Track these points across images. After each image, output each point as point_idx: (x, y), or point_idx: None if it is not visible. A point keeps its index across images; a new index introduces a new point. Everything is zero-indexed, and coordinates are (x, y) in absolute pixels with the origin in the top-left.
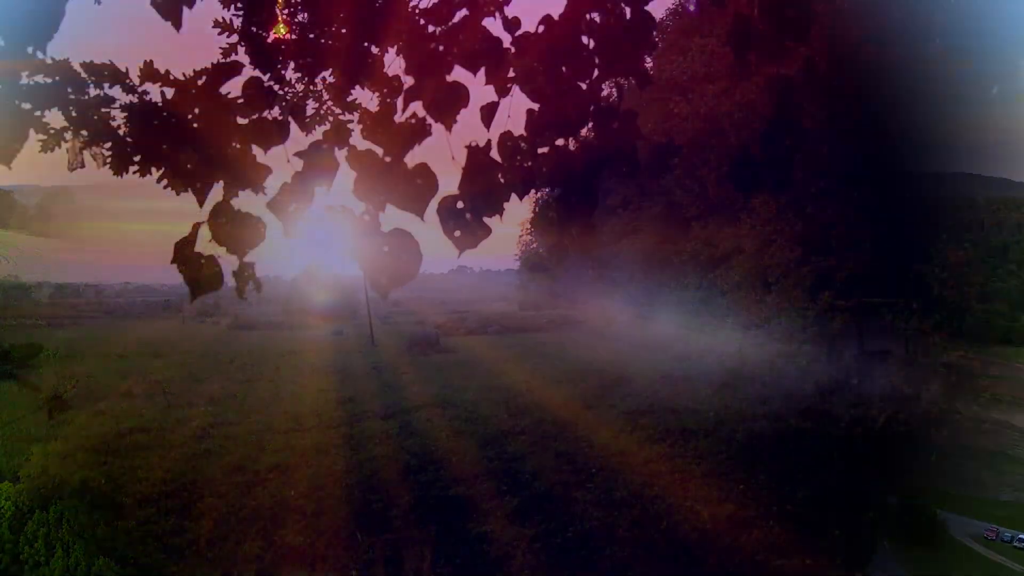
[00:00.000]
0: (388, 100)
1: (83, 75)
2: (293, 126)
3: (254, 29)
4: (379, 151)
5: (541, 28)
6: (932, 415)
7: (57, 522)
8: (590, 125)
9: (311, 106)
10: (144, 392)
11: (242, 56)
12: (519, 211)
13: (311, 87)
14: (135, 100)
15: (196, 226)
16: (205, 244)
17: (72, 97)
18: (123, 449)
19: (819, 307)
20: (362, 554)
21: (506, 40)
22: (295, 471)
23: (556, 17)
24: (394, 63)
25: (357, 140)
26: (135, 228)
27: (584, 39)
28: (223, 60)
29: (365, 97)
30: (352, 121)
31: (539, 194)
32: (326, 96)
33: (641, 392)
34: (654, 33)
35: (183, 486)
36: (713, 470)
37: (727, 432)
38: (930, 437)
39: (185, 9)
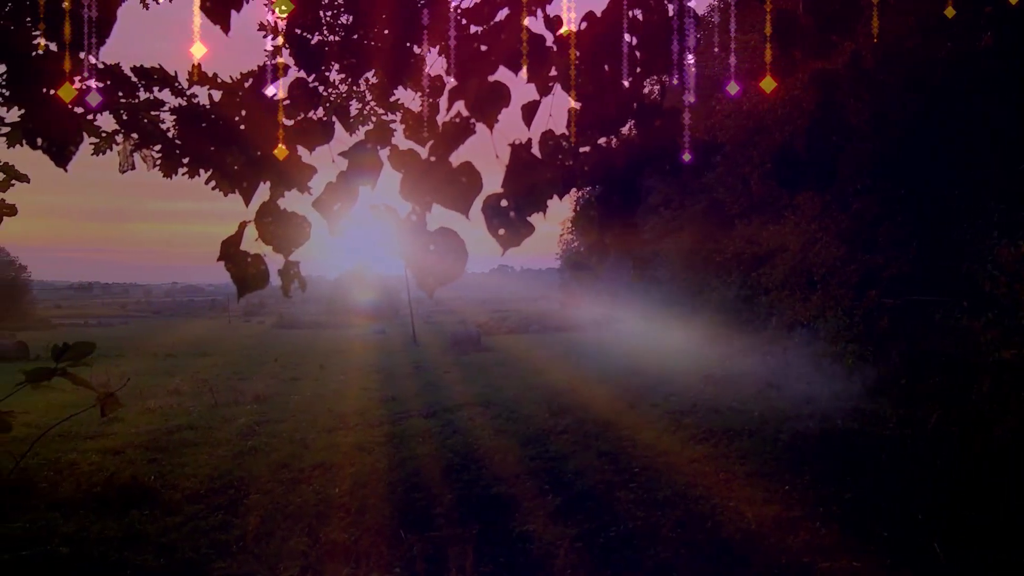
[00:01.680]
0: (430, 100)
1: (133, 79)
2: (337, 126)
3: (298, 31)
4: (422, 151)
5: (583, 25)
6: (984, 414)
7: None
8: (632, 123)
9: (354, 106)
10: (191, 390)
11: (287, 58)
12: (560, 210)
13: (354, 88)
14: (184, 103)
15: (243, 225)
16: (251, 243)
17: (123, 101)
18: (172, 446)
19: (865, 306)
20: (405, 551)
21: (548, 39)
22: (339, 469)
23: (598, 15)
24: (436, 63)
25: (399, 140)
26: (183, 229)
27: (626, 36)
28: (268, 62)
29: (407, 97)
30: (395, 121)
31: (580, 193)
32: (369, 96)
33: (684, 391)
34: (696, 30)
35: (230, 483)
36: (757, 470)
37: (771, 432)
38: (982, 437)
39: (233, 12)
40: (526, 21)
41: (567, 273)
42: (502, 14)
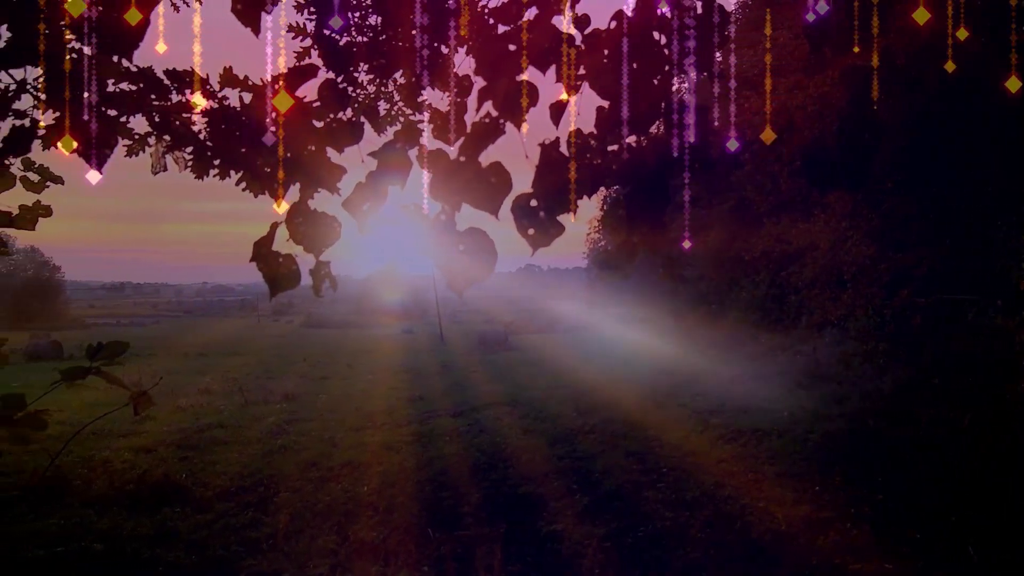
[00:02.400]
0: (458, 100)
1: (166, 82)
2: (366, 127)
3: (327, 32)
4: (451, 151)
5: (613, 24)
6: (1019, 415)
7: None
8: (661, 121)
9: (382, 107)
10: (222, 389)
11: (315, 59)
12: (587, 209)
13: (382, 88)
14: (215, 105)
15: (274, 226)
16: (283, 243)
17: (155, 103)
18: (203, 444)
19: (897, 304)
20: (433, 550)
21: (576, 37)
22: (367, 467)
23: (628, 13)
24: (463, 63)
25: (428, 140)
26: (213, 230)
27: (655, 35)
28: (298, 64)
29: (434, 97)
30: (422, 121)
31: (607, 192)
32: (397, 97)
33: (712, 391)
34: (727, 27)
35: (260, 481)
36: (787, 471)
37: (801, 432)
38: (1016, 438)
39: (263, 15)
40: (554, 20)
41: (594, 272)
42: (530, 13)
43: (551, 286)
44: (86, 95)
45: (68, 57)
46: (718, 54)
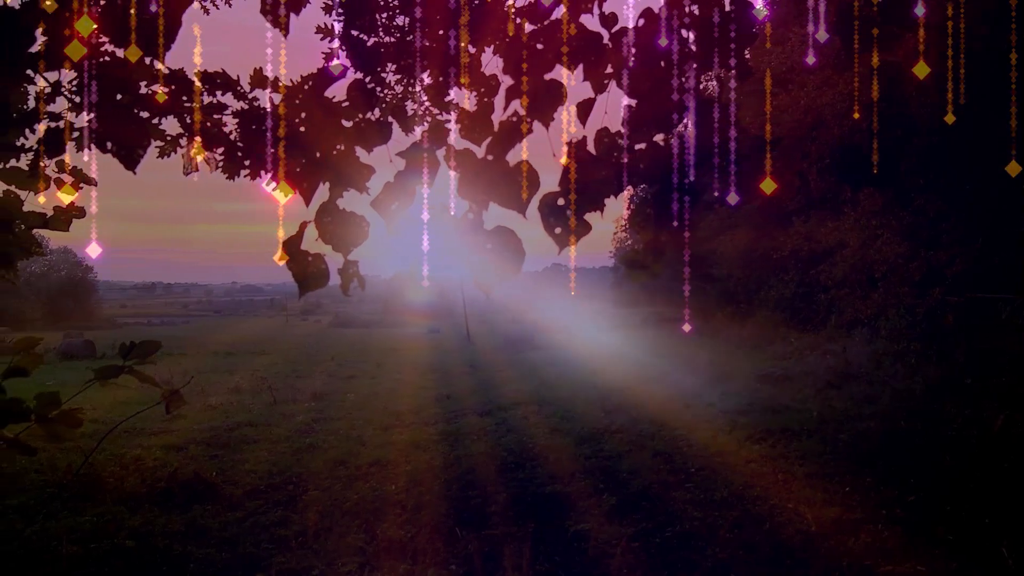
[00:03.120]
0: (486, 99)
1: (197, 83)
2: (395, 127)
3: (354, 33)
4: (478, 150)
5: (640, 22)
6: None
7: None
8: (688, 119)
9: (409, 107)
10: (251, 387)
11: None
12: (614, 208)
13: (410, 88)
14: (245, 106)
15: (303, 225)
16: (311, 243)
17: (187, 105)
18: (232, 442)
19: (928, 303)
20: (461, 549)
21: (603, 36)
22: (395, 466)
23: (655, 11)
24: (490, 62)
25: (455, 139)
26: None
27: (683, 32)
28: (325, 65)
29: (461, 96)
30: (449, 121)
31: (634, 191)
32: (424, 97)
33: (740, 391)
34: (755, 25)
35: (289, 479)
36: (817, 471)
37: (831, 432)
38: None
39: (292, 16)
40: (582, 19)
41: (621, 272)
42: (558, 12)
43: (578, 285)
44: (119, 97)
45: (101, 60)
46: (747, 51)
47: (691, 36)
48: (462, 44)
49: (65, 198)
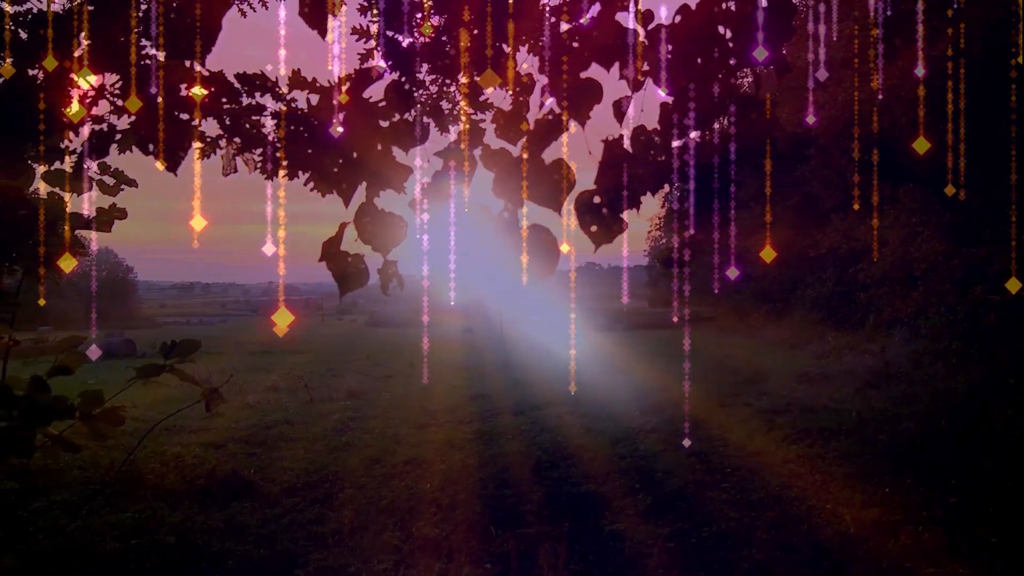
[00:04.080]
0: (520, 98)
1: (236, 85)
2: (431, 127)
3: (390, 34)
4: (513, 149)
5: (677, 19)
6: None
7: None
8: (725, 116)
9: (444, 106)
10: (288, 386)
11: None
12: (649, 206)
13: (444, 88)
14: (283, 108)
15: (343, 226)
16: (350, 243)
17: (226, 106)
18: (270, 440)
19: (970, 302)
20: (496, 547)
21: (639, 33)
22: (430, 465)
23: (691, 7)
24: (525, 61)
25: (490, 139)
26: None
27: (719, 28)
28: (362, 66)
29: (495, 96)
30: (484, 120)
31: (670, 188)
32: (458, 97)
33: (777, 390)
34: (793, 19)
35: (325, 477)
36: (856, 472)
37: (870, 433)
38: None
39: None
40: (617, 16)
41: (656, 270)
42: (593, 10)
43: (612, 284)
44: (160, 99)
45: (142, 63)
46: (784, 47)
47: (727, 32)
48: (497, 44)
49: (106, 200)
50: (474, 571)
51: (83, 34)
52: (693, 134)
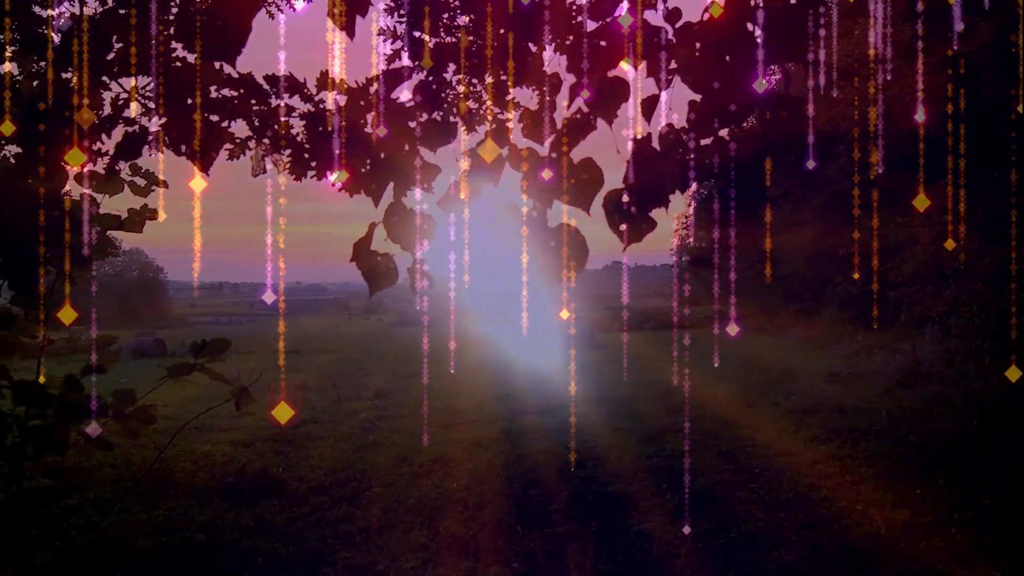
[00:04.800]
0: (547, 98)
1: (265, 87)
2: (459, 126)
3: (417, 34)
4: (540, 149)
5: (705, 16)
6: None
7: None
8: (755, 114)
9: (472, 106)
10: (315, 385)
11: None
12: (674, 205)
13: (471, 87)
14: (312, 109)
15: (372, 226)
16: (379, 243)
17: (256, 108)
18: (298, 439)
19: (1003, 300)
20: (523, 547)
21: (668, 31)
22: (457, 464)
23: (720, 4)
24: (552, 60)
25: (517, 138)
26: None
27: (748, 25)
28: (389, 67)
29: (522, 95)
30: (510, 120)
31: (699, 187)
32: (485, 96)
33: (806, 390)
34: (822, 16)
35: (352, 475)
36: (886, 473)
37: (902, 433)
38: None
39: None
40: (645, 15)
41: (684, 269)
42: (621, 8)
43: (638, 283)
44: (190, 101)
45: (174, 65)
46: (813, 44)
47: (756, 30)
48: (523, 42)
49: (137, 201)
50: (501, 570)
51: (115, 38)
52: (722, 132)
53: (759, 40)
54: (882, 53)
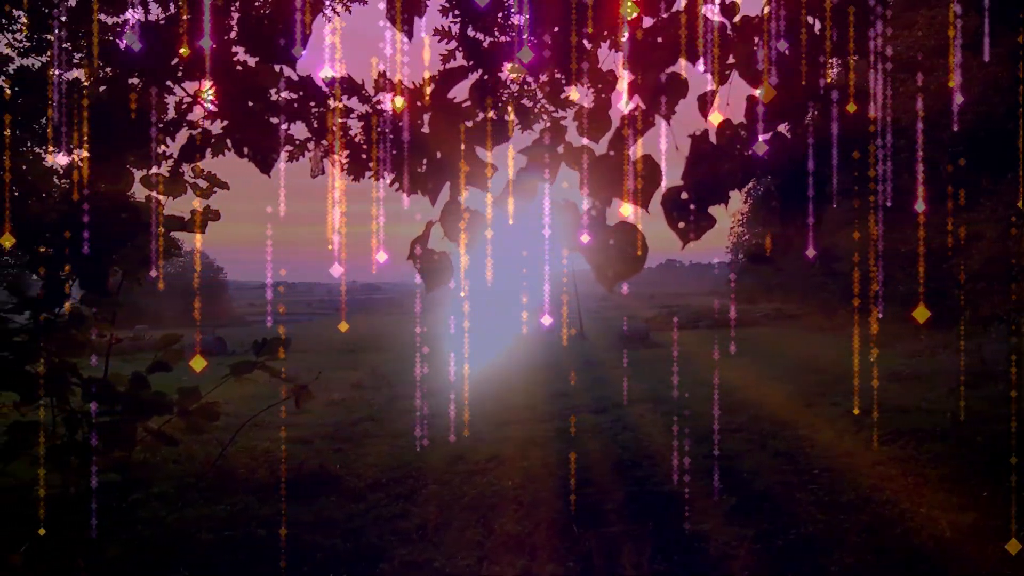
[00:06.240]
0: (603, 95)
1: (324, 89)
2: (514, 125)
3: (471, 34)
4: (597, 147)
5: (766, 10)
6: None
7: None
8: (815, 109)
9: (527, 104)
10: (372, 383)
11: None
12: (731, 202)
13: (526, 86)
14: (369, 110)
15: (429, 224)
16: (436, 241)
17: (314, 110)
18: (355, 436)
19: None
20: (578, 546)
21: (726, 26)
22: (511, 462)
23: None
24: (608, 58)
25: (573, 136)
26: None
27: (808, 18)
28: (446, 67)
29: (579, 92)
30: (565, 118)
31: (755, 184)
32: (539, 95)
33: (866, 390)
34: (883, 8)
35: (408, 473)
36: (951, 474)
37: (967, 434)
38: None
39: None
40: (703, 9)
41: (740, 267)
42: (679, 4)
43: (692, 281)
44: (251, 104)
45: (235, 69)
46: (873, 36)
47: (816, 23)
48: (578, 40)
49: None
50: (556, 569)
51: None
52: (781, 127)
53: (819, 33)
54: (946, 44)
